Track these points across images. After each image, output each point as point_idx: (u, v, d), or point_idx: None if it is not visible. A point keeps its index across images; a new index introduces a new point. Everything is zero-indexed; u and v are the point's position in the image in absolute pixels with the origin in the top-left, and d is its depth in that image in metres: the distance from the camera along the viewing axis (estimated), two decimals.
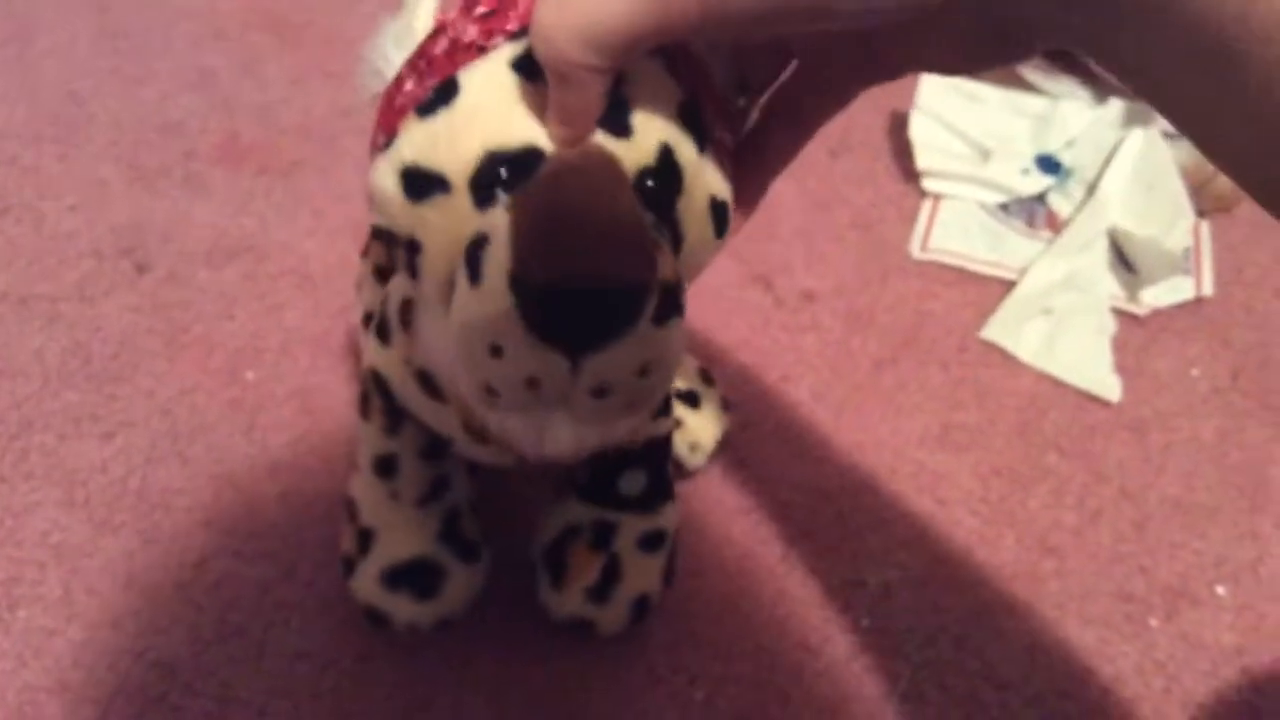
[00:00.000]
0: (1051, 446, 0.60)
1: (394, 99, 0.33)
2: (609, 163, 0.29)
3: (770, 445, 0.59)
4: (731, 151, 0.35)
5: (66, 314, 0.60)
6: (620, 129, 0.31)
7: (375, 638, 0.49)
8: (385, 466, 0.45)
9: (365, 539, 0.46)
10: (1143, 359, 0.65)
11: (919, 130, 0.75)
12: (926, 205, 0.73)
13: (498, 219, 0.29)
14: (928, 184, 0.74)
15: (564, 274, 0.27)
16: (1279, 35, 0.22)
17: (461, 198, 0.31)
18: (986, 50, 0.29)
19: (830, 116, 0.35)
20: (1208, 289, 0.69)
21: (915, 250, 0.70)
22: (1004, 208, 0.73)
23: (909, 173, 0.75)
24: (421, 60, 0.33)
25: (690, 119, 0.32)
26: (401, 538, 0.46)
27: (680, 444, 0.54)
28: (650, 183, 0.31)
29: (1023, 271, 0.69)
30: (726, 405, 0.57)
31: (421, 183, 0.31)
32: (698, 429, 0.55)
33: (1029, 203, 0.73)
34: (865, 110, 0.61)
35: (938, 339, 0.65)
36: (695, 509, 0.55)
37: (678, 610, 0.51)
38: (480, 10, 0.32)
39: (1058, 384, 0.63)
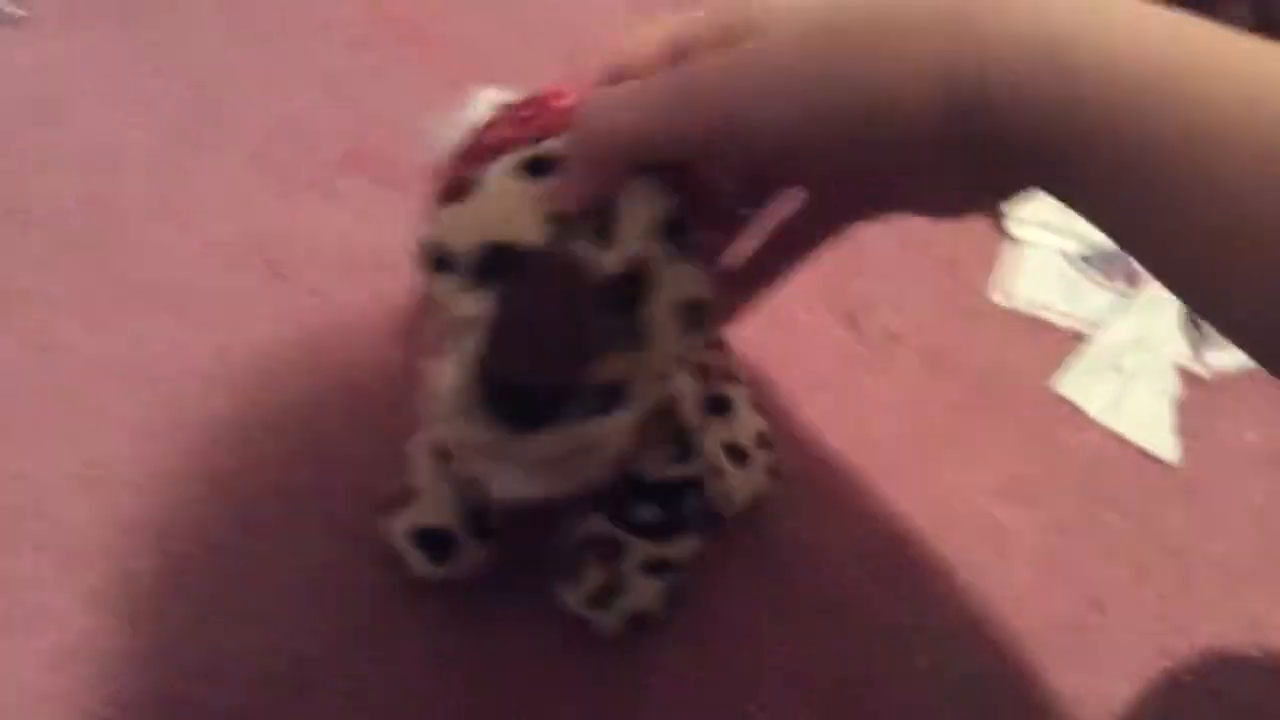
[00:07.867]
0: (1110, 504, 0.65)
1: (443, 177, 0.41)
2: (573, 275, 0.36)
3: (847, 484, 0.64)
4: (720, 253, 0.41)
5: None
6: (604, 237, 0.37)
7: (498, 644, 0.55)
8: (441, 453, 0.53)
9: (408, 494, 0.55)
10: (1202, 421, 0.69)
11: None
12: (1010, 250, 0.77)
13: (483, 307, 0.37)
14: (1014, 229, 0.77)
15: (511, 369, 0.36)
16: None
17: (461, 276, 0.38)
18: (968, 201, 0.37)
19: (823, 245, 0.42)
20: None
21: (995, 295, 0.74)
22: (1085, 259, 0.76)
23: (996, 215, 0.79)
24: (468, 149, 0.40)
25: (670, 231, 0.38)
26: (436, 506, 0.54)
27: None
28: (620, 288, 0.37)
29: (1095, 324, 0.72)
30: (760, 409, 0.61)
31: (438, 257, 0.39)
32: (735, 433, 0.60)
33: (1110, 255, 0.77)
34: None
35: (1011, 388, 0.69)
36: (769, 537, 0.60)
37: (749, 629, 0.57)
38: (519, 115, 0.40)
39: (1121, 441, 0.67)
